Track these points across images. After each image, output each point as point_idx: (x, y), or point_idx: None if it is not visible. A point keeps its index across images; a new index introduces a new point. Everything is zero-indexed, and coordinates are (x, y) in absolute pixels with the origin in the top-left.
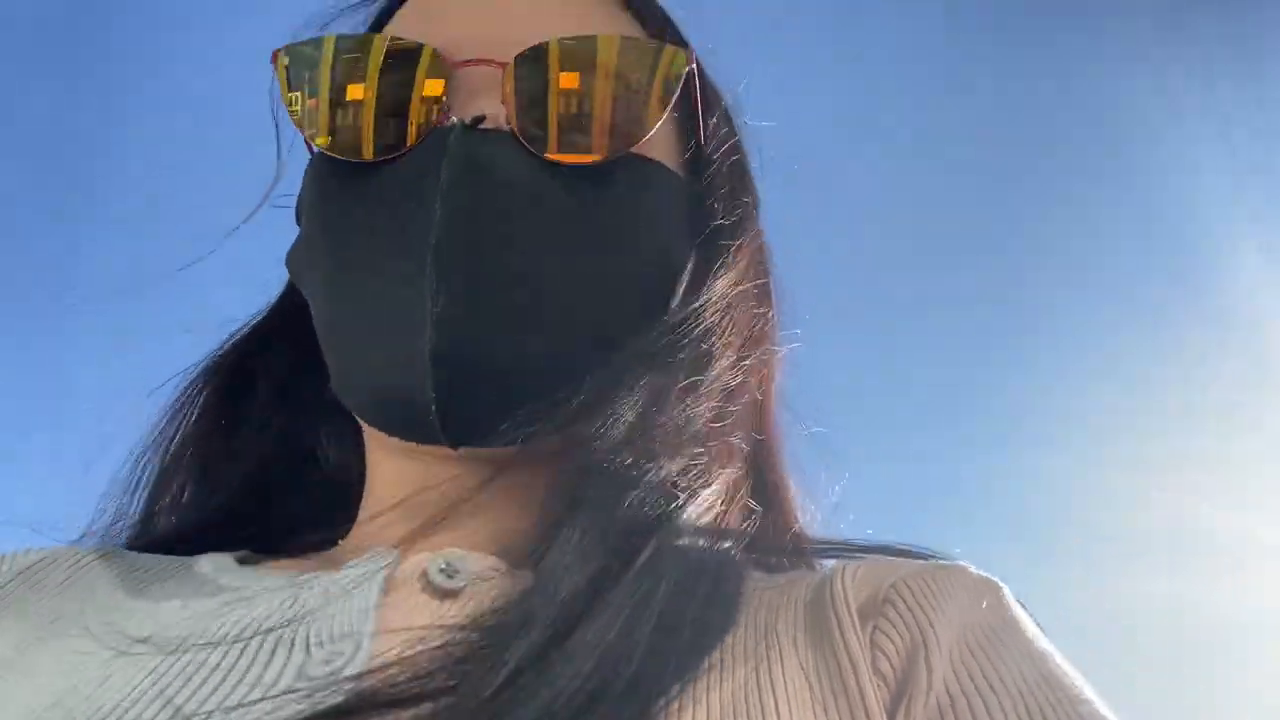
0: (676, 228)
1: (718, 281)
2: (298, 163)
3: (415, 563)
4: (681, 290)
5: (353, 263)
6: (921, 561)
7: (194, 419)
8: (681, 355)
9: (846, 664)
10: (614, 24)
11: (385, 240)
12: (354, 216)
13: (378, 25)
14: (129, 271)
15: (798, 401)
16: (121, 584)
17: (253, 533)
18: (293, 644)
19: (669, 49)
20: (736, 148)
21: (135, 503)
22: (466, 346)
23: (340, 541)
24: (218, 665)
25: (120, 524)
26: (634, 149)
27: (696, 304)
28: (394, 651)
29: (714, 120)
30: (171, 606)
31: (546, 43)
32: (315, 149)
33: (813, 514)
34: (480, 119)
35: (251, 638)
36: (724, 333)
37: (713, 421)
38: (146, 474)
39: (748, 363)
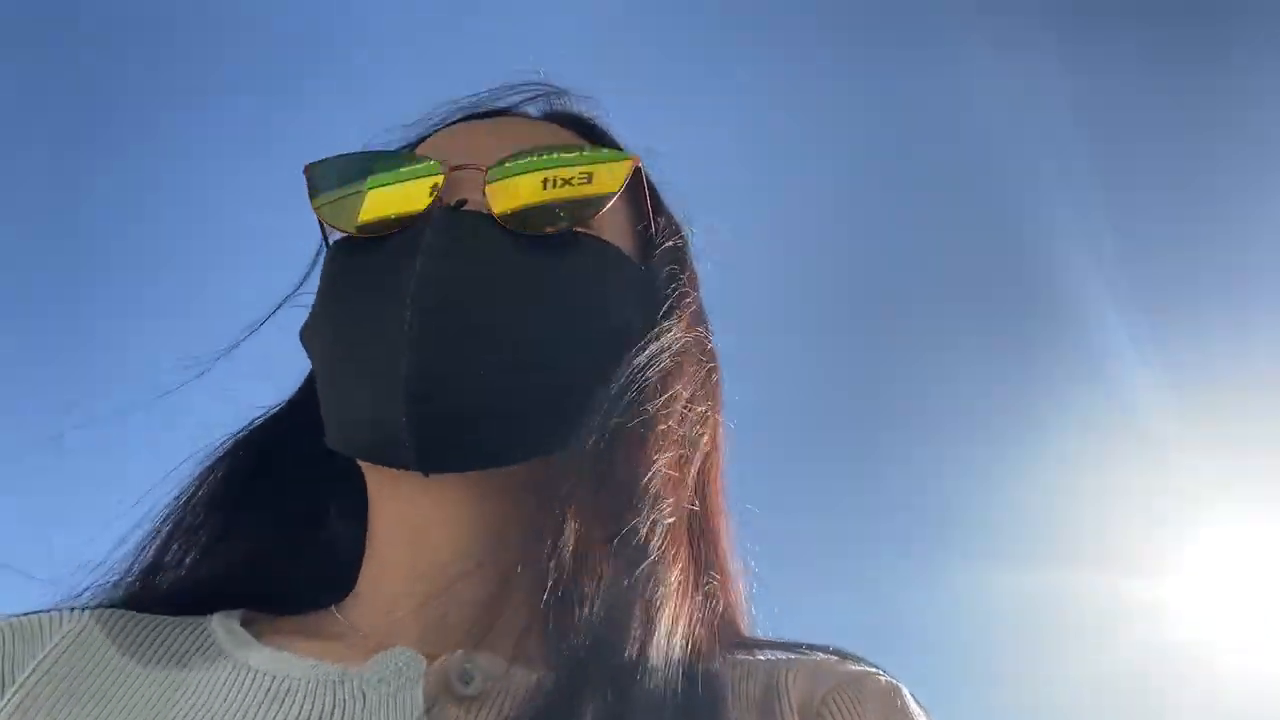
0: (625, 295)
1: (664, 334)
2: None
3: (440, 670)
4: (633, 348)
5: (348, 317)
6: (845, 668)
7: (211, 492)
8: (635, 393)
9: None
10: (573, 143)
11: (376, 295)
12: (356, 280)
13: None
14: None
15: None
16: (159, 663)
17: (248, 590)
18: None
19: (617, 153)
20: (679, 238)
21: (142, 561)
22: (437, 375)
23: (336, 609)
24: None
25: (124, 580)
26: (588, 231)
27: (648, 350)
28: None
29: (661, 218)
30: (205, 693)
31: (517, 150)
32: (336, 234)
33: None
34: (463, 202)
35: None
36: (674, 373)
37: (669, 471)
38: (159, 539)
39: (699, 409)
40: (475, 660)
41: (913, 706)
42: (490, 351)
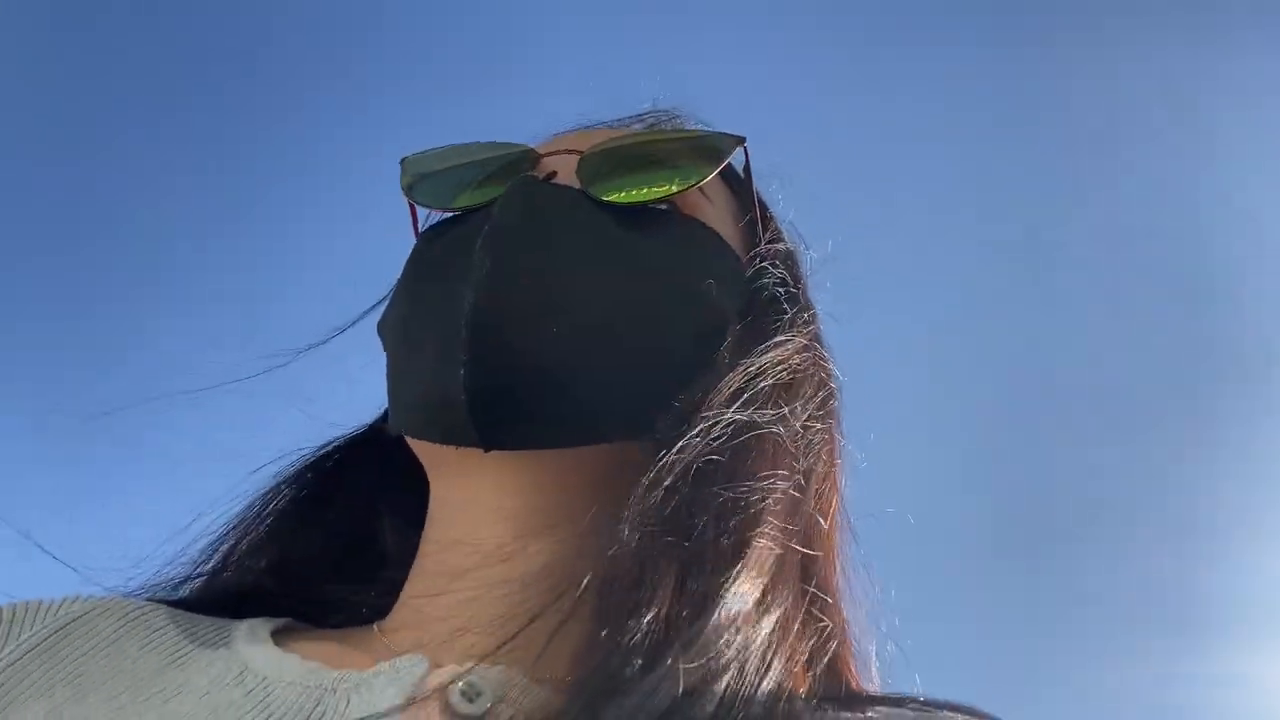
0: (722, 288)
1: (782, 343)
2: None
3: (437, 681)
4: (722, 351)
5: (417, 294)
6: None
7: (282, 506)
8: (742, 395)
9: None
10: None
11: (446, 266)
12: (429, 260)
13: None
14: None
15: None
16: (155, 651)
17: (302, 599)
18: None
19: (721, 134)
20: (788, 243)
21: (207, 563)
22: (502, 336)
23: (378, 624)
24: None
25: (186, 578)
26: (686, 212)
27: (765, 354)
28: None
29: (770, 219)
30: (195, 690)
31: (617, 138)
32: (425, 215)
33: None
34: (552, 175)
35: None
36: (792, 387)
37: (774, 490)
38: (225, 542)
39: (816, 430)
40: (486, 674)
41: None
42: (564, 318)
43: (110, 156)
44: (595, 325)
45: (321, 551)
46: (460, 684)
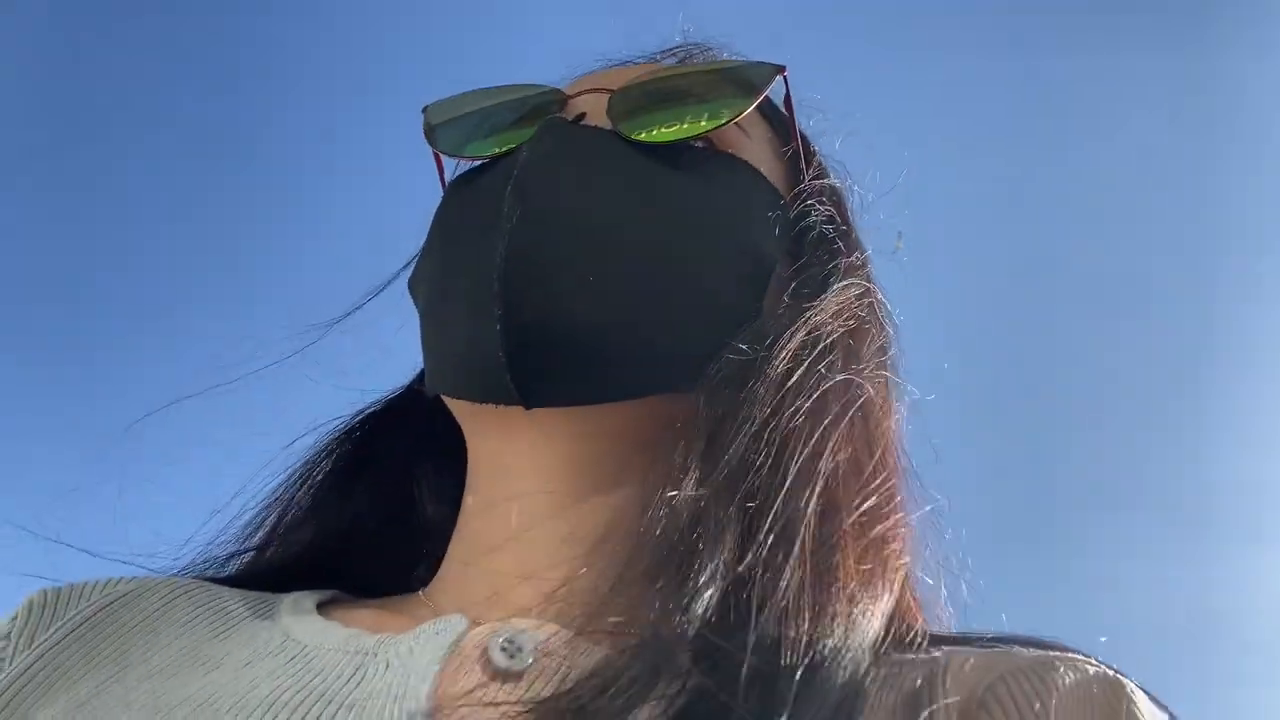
0: (764, 228)
1: (838, 290)
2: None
3: (478, 638)
4: (768, 293)
5: (447, 246)
6: (1030, 654)
7: (321, 475)
8: (796, 339)
9: None
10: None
11: (475, 214)
12: (458, 210)
13: None
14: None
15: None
16: (198, 625)
17: (346, 570)
18: None
19: (759, 64)
20: (833, 180)
21: (250, 540)
22: (537, 285)
23: (423, 591)
24: None
25: (231, 555)
26: (724, 148)
27: (808, 304)
28: None
29: (813, 155)
30: (237, 661)
31: (648, 75)
32: (452, 165)
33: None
34: (581, 116)
35: None
36: (852, 335)
37: (831, 437)
38: (269, 516)
39: (872, 374)
40: (527, 629)
41: (1147, 709)
42: (600, 265)
43: (122, 127)
44: (633, 272)
45: (364, 521)
46: (500, 639)
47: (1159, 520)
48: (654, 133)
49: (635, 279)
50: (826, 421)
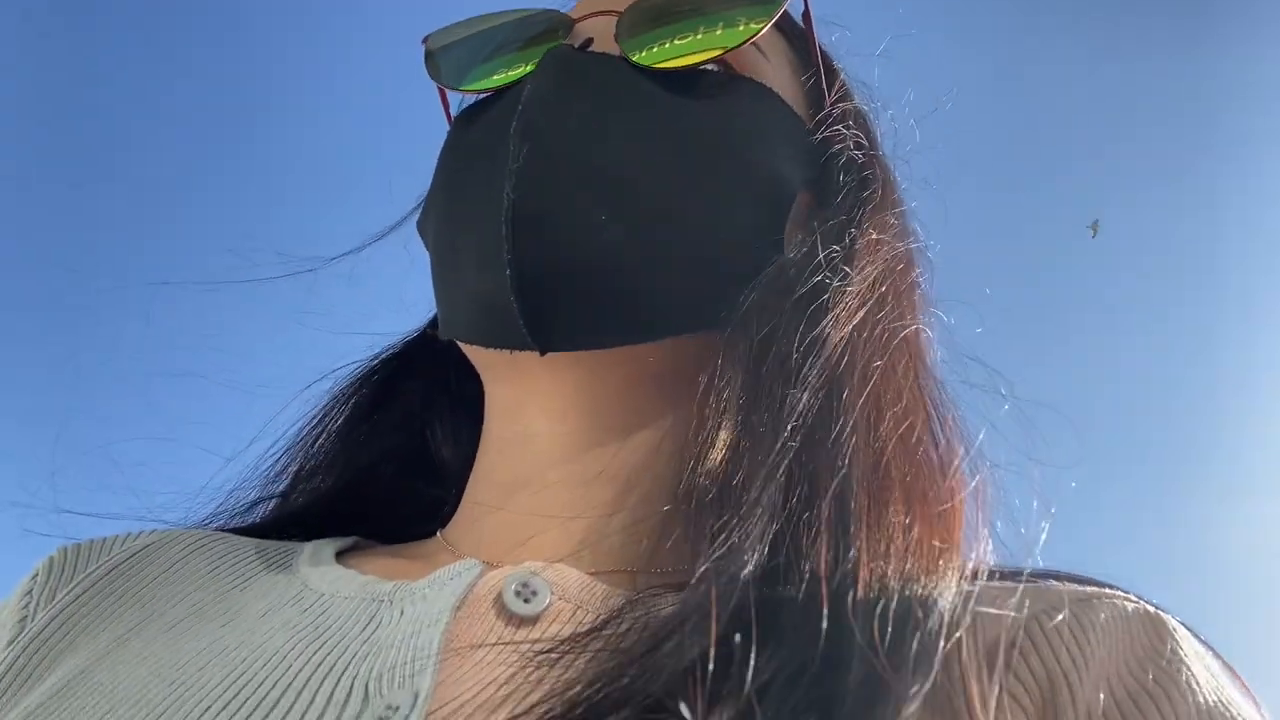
0: (786, 155)
1: (859, 227)
2: None
3: (492, 583)
4: (790, 225)
5: (454, 184)
6: (1068, 589)
7: (339, 420)
8: (822, 295)
9: None
10: None
11: (481, 150)
12: (464, 146)
13: None
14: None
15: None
16: (218, 577)
17: (368, 516)
18: (351, 688)
19: None
20: (857, 103)
21: (271, 488)
22: (547, 224)
23: (441, 532)
24: (275, 704)
25: (254, 503)
26: (741, 72)
27: (837, 240)
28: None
29: (836, 78)
30: (254, 612)
31: None
32: (451, 94)
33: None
34: (588, 42)
35: (313, 674)
36: (882, 275)
37: (865, 369)
38: (289, 463)
39: (901, 310)
40: (542, 573)
41: (1187, 648)
42: (613, 204)
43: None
44: (648, 210)
45: (382, 467)
46: (514, 584)
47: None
48: (667, 59)
49: (649, 219)
50: (869, 356)
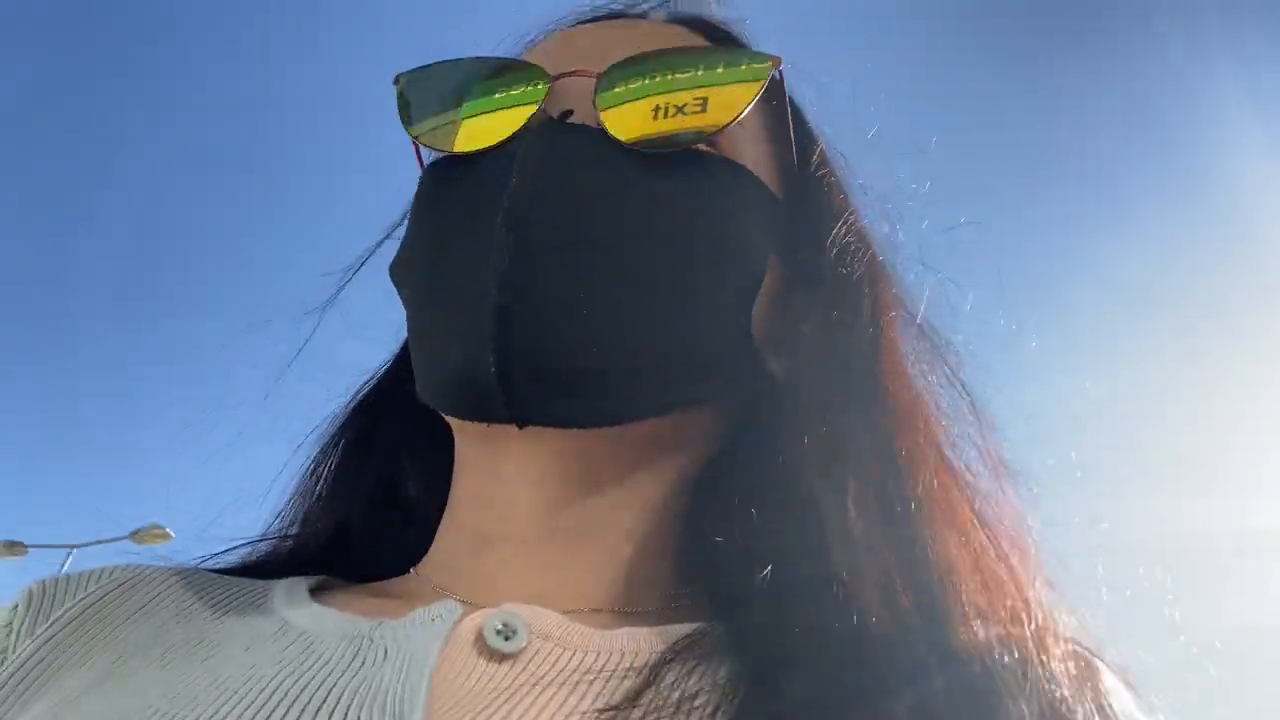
0: (758, 234)
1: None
2: None
3: (474, 623)
4: (761, 302)
5: (435, 246)
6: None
7: (333, 462)
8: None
9: None
10: (695, 46)
11: (466, 218)
12: (445, 205)
13: None
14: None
15: None
16: (198, 613)
17: (339, 558)
18: (346, 716)
19: (754, 54)
20: (833, 173)
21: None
22: (533, 304)
23: (415, 569)
24: None
25: (255, 546)
26: (720, 152)
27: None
28: None
29: (815, 149)
30: (235, 646)
31: (636, 54)
32: (426, 152)
33: None
34: (568, 113)
35: (309, 702)
36: (858, 345)
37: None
38: (289, 508)
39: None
40: (521, 612)
41: (1111, 691)
42: (598, 289)
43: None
44: (629, 299)
45: (349, 506)
46: (495, 623)
47: None
48: (650, 132)
49: (631, 304)
50: (855, 427)
